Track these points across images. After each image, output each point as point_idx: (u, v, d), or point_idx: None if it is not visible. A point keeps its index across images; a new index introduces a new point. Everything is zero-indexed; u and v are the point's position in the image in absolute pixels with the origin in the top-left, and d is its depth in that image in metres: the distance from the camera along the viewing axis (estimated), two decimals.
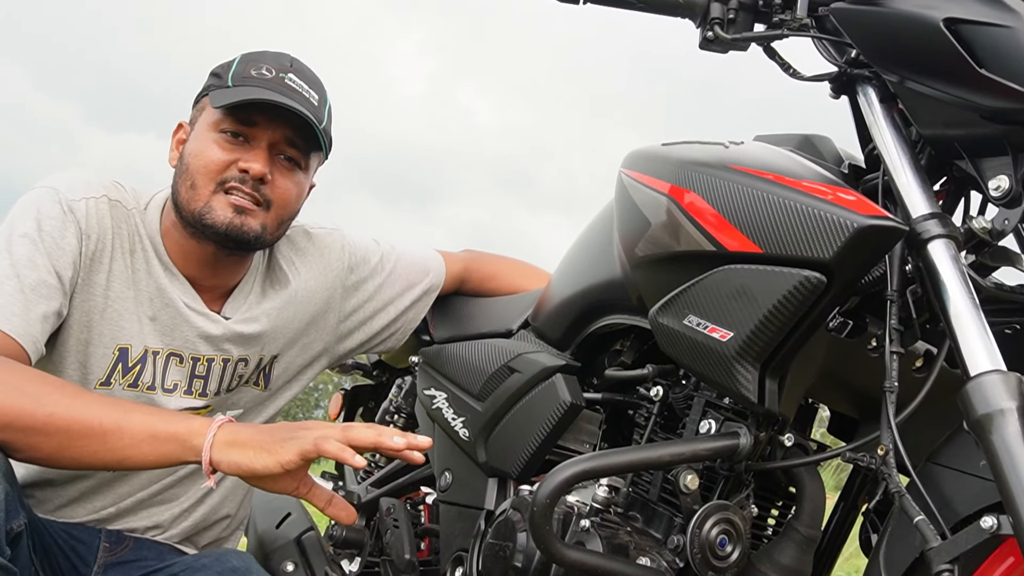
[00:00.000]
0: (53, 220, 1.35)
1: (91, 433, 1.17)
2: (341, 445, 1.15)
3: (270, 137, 1.42)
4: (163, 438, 1.19)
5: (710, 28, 1.21)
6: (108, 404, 1.22)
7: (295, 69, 1.47)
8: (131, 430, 1.18)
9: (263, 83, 1.42)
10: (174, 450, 1.19)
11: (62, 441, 1.17)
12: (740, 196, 1.09)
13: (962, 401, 0.92)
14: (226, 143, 1.41)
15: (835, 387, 1.22)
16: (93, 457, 1.19)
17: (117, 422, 1.18)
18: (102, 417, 1.18)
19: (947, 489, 1.01)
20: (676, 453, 1.12)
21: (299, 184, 1.49)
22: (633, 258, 1.27)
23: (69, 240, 1.36)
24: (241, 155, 1.41)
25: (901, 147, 1.09)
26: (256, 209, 1.42)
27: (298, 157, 1.47)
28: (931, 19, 1.01)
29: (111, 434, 1.18)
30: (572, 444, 1.43)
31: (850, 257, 1.00)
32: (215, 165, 1.40)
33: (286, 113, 1.40)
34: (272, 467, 1.16)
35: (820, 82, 1.21)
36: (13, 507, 1.16)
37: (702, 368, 1.13)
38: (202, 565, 1.48)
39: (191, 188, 1.41)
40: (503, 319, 1.68)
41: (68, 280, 1.36)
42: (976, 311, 0.96)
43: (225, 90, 1.42)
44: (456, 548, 1.49)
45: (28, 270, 1.31)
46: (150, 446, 1.19)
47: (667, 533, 1.23)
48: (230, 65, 1.47)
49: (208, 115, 1.44)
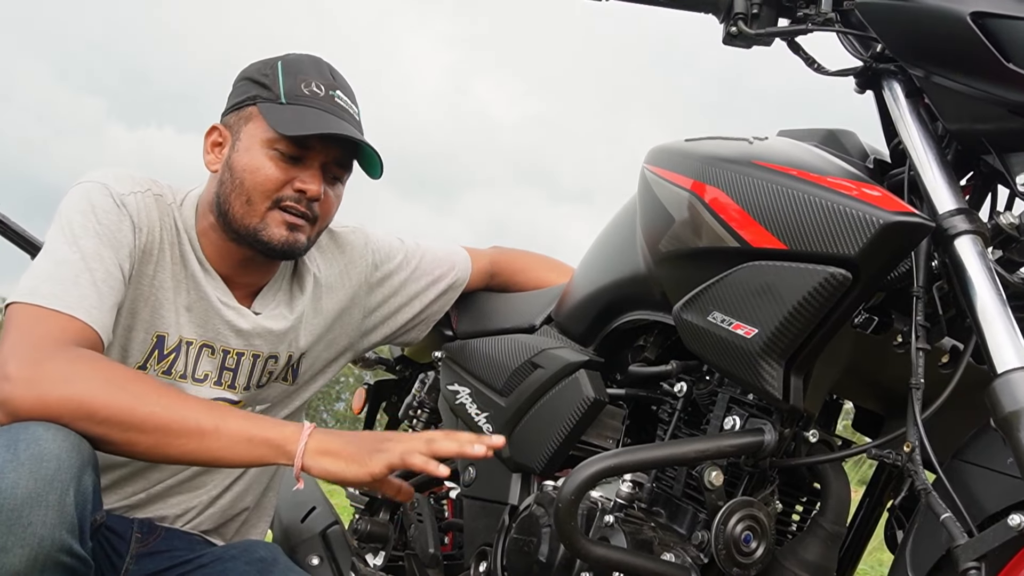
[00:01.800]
0: (109, 214, 1.39)
1: (190, 433, 1.22)
2: (426, 459, 1.22)
3: (323, 158, 1.47)
4: (258, 442, 1.23)
5: (734, 23, 1.21)
6: (205, 406, 1.27)
7: (339, 84, 1.51)
8: (228, 432, 1.23)
9: (317, 103, 1.46)
10: (268, 453, 1.24)
11: (159, 439, 1.21)
12: (764, 192, 1.09)
13: (989, 398, 0.92)
14: (281, 161, 1.45)
15: (860, 383, 1.22)
16: (188, 455, 1.24)
17: (215, 424, 1.23)
18: (200, 418, 1.22)
19: (974, 486, 1.00)
20: (701, 449, 1.12)
21: (339, 197, 1.54)
22: (656, 254, 1.27)
23: (125, 234, 1.40)
24: (296, 174, 1.45)
25: (927, 142, 1.09)
26: (306, 224, 1.47)
27: (343, 174, 1.53)
28: (957, 13, 1.00)
29: (209, 435, 1.22)
30: (595, 440, 1.43)
31: (876, 253, 1.00)
32: (272, 184, 1.45)
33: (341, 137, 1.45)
34: (363, 478, 1.23)
35: (845, 77, 1.20)
36: (98, 499, 1.20)
37: (727, 365, 1.13)
38: (231, 556, 1.52)
39: (247, 204, 1.45)
40: (526, 314, 1.68)
41: (127, 272, 1.40)
42: (1003, 308, 0.96)
43: (279, 107, 1.45)
44: (480, 543, 1.50)
45: (97, 263, 1.34)
46: (245, 448, 1.24)
47: (691, 529, 1.24)
48: (275, 75, 1.48)
49: (261, 130, 1.46)
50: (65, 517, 1.08)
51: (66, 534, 1.08)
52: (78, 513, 1.11)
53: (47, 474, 1.08)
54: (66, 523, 1.08)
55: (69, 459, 1.11)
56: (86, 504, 1.13)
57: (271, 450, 1.24)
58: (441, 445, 1.23)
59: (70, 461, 1.11)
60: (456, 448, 1.24)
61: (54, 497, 1.08)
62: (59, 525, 1.07)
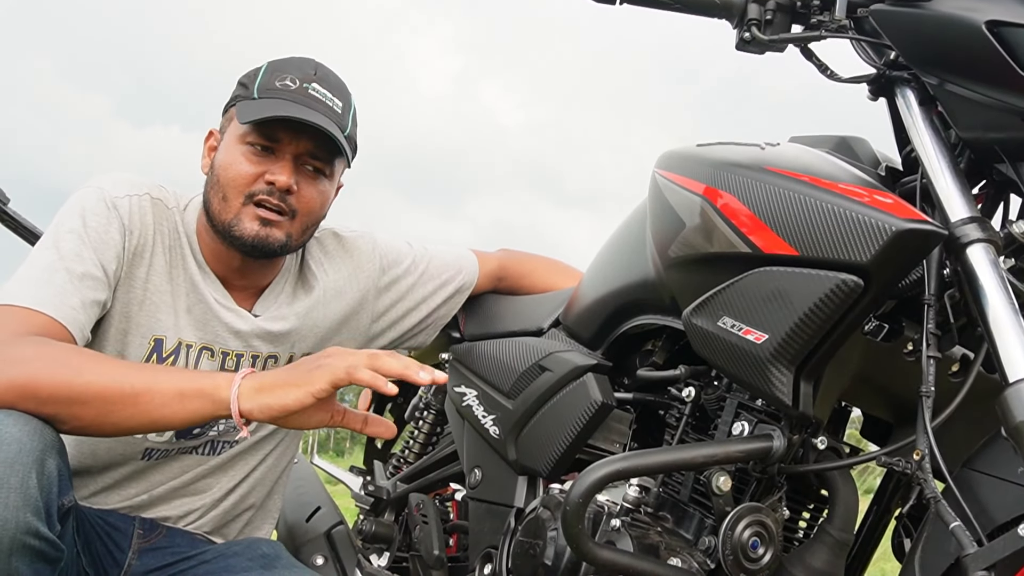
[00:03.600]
0: (97, 216, 1.40)
1: (124, 398, 1.19)
2: (373, 373, 1.17)
3: (294, 149, 1.46)
4: (191, 395, 1.20)
5: (747, 29, 1.21)
6: (137, 368, 1.25)
7: (319, 77, 1.50)
8: (160, 390, 1.20)
9: (287, 95, 1.45)
10: (204, 405, 1.21)
11: (100, 408, 1.19)
12: (776, 198, 1.09)
13: (1000, 407, 0.92)
14: (253, 156, 1.45)
15: (869, 390, 1.22)
16: (131, 421, 1.22)
17: (147, 384, 1.20)
18: (133, 380, 1.20)
19: (983, 495, 1.00)
20: (709, 454, 1.12)
21: (324, 192, 1.52)
22: (666, 259, 1.27)
23: (112, 235, 1.40)
24: (268, 167, 1.45)
25: (940, 150, 1.09)
26: (281, 220, 1.46)
27: (322, 166, 1.50)
28: (973, 21, 1.00)
29: (142, 396, 1.19)
30: (602, 443, 1.43)
31: (888, 261, 0.99)
32: (243, 178, 1.44)
33: (309, 126, 1.43)
34: (304, 399, 1.18)
35: (858, 84, 1.20)
36: (65, 483, 1.19)
37: (736, 370, 1.13)
38: (233, 552, 1.53)
39: (223, 200, 1.45)
40: (534, 317, 1.68)
41: (112, 272, 1.40)
42: (1016, 317, 0.96)
43: (251, 102, 1.46)
44: (485, 545, 1.50)
45: (75, 263, 1.35)
46: (179, 404, 1.20)
47: (698, 534, 1.24)
48: (256, 74, 1.50)
49: (235, 127, 1.47)
50: (29, 500, 1.08)
51: (31, 516, 1.08)
52: (43, 496, 1.11)
53: (7, 457, 1.08)
54: (30, 505, 1.08)
55: (31, 442, 1.11)
56: (51, 487, 1.13)
57: (205, 401, 1.20)
58: (385, 362, 1.18)
59: (31, 444, 1.11)
60: (400, 368, 1.18)
61: (16, 480, 1.07)
62: (23, 507, 1.07)
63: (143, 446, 1.48)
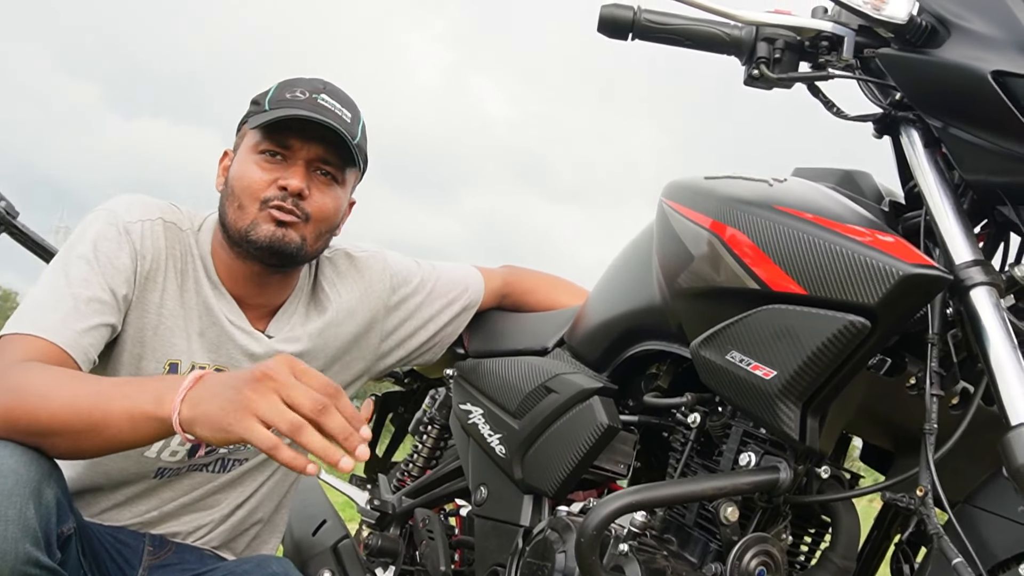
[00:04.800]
0: (109, 242, 1.42)
1: (85, 429, 1.16)
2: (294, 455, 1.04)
3: (306, 154, 1.49)
4: (140, 419, 1.14)
5: (756, 67, 1.23)
6: (93, 393, 1.18)
7: (328, 90, 1.53)
8: (115, 418, 1.15)
9: (296, 104, 1.48)
10: (155, 428, 1.14)
11: (71, 439, 1.17)
12: (785, 237, 1.12)
13: (1003, 449, 0.95)
14: (266, 163, 1.48)
15: (872, 422, 1.25)
16: (103, 448, 1.19)
17: (103, 413, 1.15)
18: (91, 409, 1.16)
19: (984, 532, 1.03)
20: (718, 487, 1.15)
21: (336, 198, 1.54)
22: (674, 288, 1.29)
23: (123, 260, 1.42)
24: (280, 173, 1.48)
25: (944, 191, 1.12)
26: (296, 221, 1.48)
27: (334, 172, 1.53)
28: (979, 71, 1.03)
29: (101, 425, 1.16)
30: (607, 464, 1.46)
31: (894, 303, 1.02)
32: (257, 185, 1.47)
33: (320, 130, 1.46)
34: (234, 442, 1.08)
35: (864, 122, 1.23)
36: (64, 512, 1.20)
37: (744, 403, 1.16)
38: (243, 571, 1.54)
39: (238, 209, 1.48)
40: (538, 336, 1.71)
41: (122, 297, 1.41)
42: (1017, 360, 0.99)
43: (263, 113, 1.49)
44: (491, 563, 1.53)
45: (81, 288, 1.37)
46: (133, 429, 1.15)
47: (703, 558, 1.26)
48: (267, 92, 1.53)
49: (248, 139, 1.51)
50: (28, 530, 1.09)
51: (30, 546, 1.09)
52: (42, 526, 1.12)
53: (4, 489, 1.09)
54: (29, 536, 1.09)
55: (27, 473, 1.12)
56: (50, 516, 1.14)
57: (156, 424, 1.13)
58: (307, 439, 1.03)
59: (28, 475, 1.12)
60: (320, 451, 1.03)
61: (13, 512, 1.08)
62: (22, 538, 1.08)
63: (155, 466, 1.50)
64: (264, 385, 1.05)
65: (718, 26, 1.24)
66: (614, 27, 1.26)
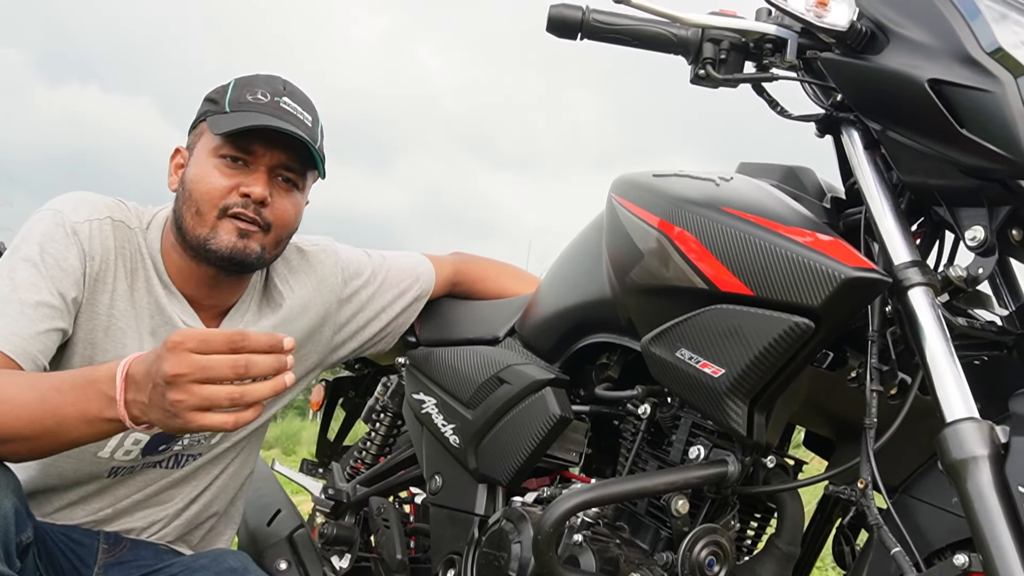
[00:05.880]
0: (56, 243, 1.39)
1: (39, 435, 1.16)
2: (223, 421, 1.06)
3: (269, 160, 1.46)
4: (95, 420, 1.14)
5: (702, 67, 1.25)
6: (42, 397, 1.17)
7: (288, 92, 1.51)
8: (70, 422, 1.15)
9: (260, 108, 1.46)
10: (110, 428, 1.15)
11: (26, 444, 1.17)
12: (732, 240, 1.15)
13: (939, 445, 1.00)
14: (227, 168, 1.45)
15: (815, 413, 1.30)
16: (61, 448, 1.19)
17: (55, 417, 1.15)
18: (43, 416, 1.16)
19: (921, 522, 1.09)
20: (670, 482, 1.19)
21: (296, 204, 1.53)
22: (625, 284, 1.32)
23: (72, 262, 1.39)
24: (242, 179, 1.45)
25: (883, 192, 1.16)
26: (257, 231, 1.46)
27: (295, 178, 1.51)
28: (916, 78, 1.06)
29: (55, 431, 1.16)
30: (560, 453, 1.49)
31: (837, 305, 1.06)
32: (217, 192, 1.44)
33: (283, 137, 1.44)
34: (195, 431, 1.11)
35: (807, 122, 1.26)
36: (22, 521, 1.20)
37: (694, 400, 1.20)
38: (200, 566, 1.54)
39: (196, 215, 1.45)
40: (490, 325, 1.72)
41: (71, 300, 1.39)
42: (952, 359, 1.03)
43: (223, 116, 1.46)
44: (447, 550, 1.56)
45: (29, 292, 1.34)
46: (90, 430, 1.16)
47: (654, 545, 1.31)
48: (225, 91, 1.50)
49: (207, 141, 1.47)
50: None
51: None
52: (1, 536, 1.12)
53: None
54: None
55: None
56: (9, 526, 1.14)
57: (111, 424, 1.14)
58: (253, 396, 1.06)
59: None
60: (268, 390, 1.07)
61: None
62: None
63: (109, 465, 1.49)
64: (180, 385, 1.05)
65: (665, 27, 1.26)
66: (563, 27, 1.27)
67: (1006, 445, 0.97)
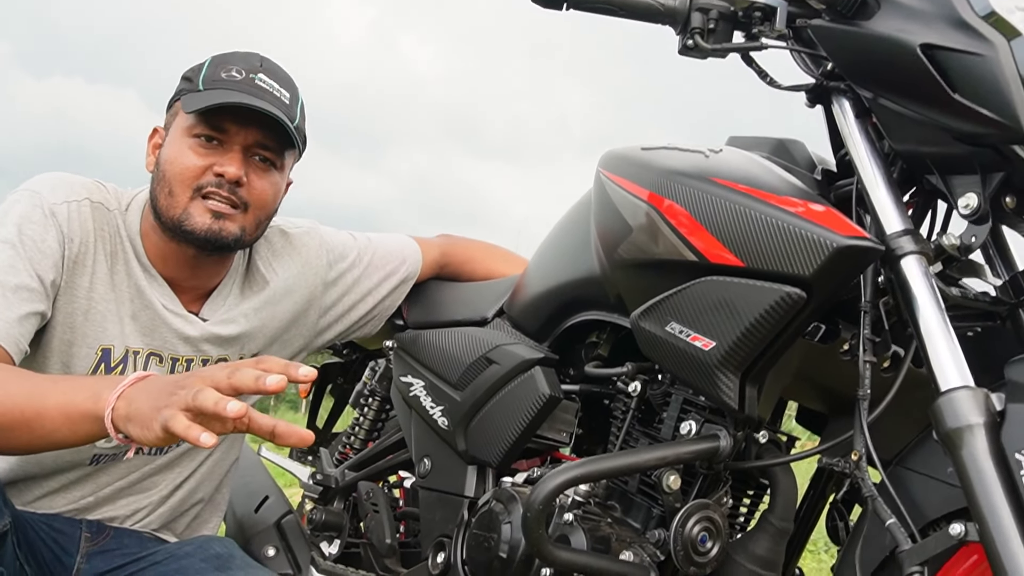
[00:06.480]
0: (34, 225, 1.36)
1: (18, 424, 1.13)
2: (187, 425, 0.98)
3: (243, 139, 1.43)
4: (77, 419, 1.11)
5: (690, 37, 1.23)
6: (27, 389, 1.16)
7: (265, 69, 1.48)
8: (49, 415, 1.12)
9: (233, 85, 1.43)
10: (93, 429, 1.11)
11: (3, 435, 1.14)
12: (722, 210, 1.13)
13: (933, 414, 0.98)
14: (200, 148, 1.42)
15: (807, 387, 1.28)
16: (32, 445, 1.17)
17: (36, 409, 1.13)
18: (23, 406, 1.13)
19: (916, 493, 1.07)
20: (661, 456, 1.17)
21: (275, 184, 1.50)
22: (613, 259, 1.30)
23: (50, 244, 1.36)
24: (216, 159, 1.42)
25: (875, 161, 1.14)
26: (234, 212, 1.43)
27: (272, 157, 1.48)
28: (908, 43, 1.04)
29: (34, 422, 1.13)
30: (550, 433, 1.48)
31: (829, 274, 1.05)
32: (190, 172, 1.42)
33: (257, 115, 1.41)
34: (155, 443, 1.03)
35: (797, 92, 1.25)
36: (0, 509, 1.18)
37: (684, 374, 1.18)
38: (185, 552, 1.52)
39: (169, 195, 1.42)
40: (478, 306, 1.71)
41: (50, 283, 1.36)
42: (946, 327, 1.02)
43: (196, 94, 1.43)
44: (437, 534, 1.54)
45: (8, 275, 1.31)
46: (71, 428, 1.12)
47: (646, 523, 1.29)
48: (200, 68, 1.47)
49: (181, 120, 1.45)
50: None
51: None
52: None
53: None
54: None
55: None
56: None
57: (90, 422, 1.10)
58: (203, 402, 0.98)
59: None
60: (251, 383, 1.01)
61: None
62: None
63: (91, 452, 1.47)
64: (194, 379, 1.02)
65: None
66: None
67: (1002, 413, 0.96)
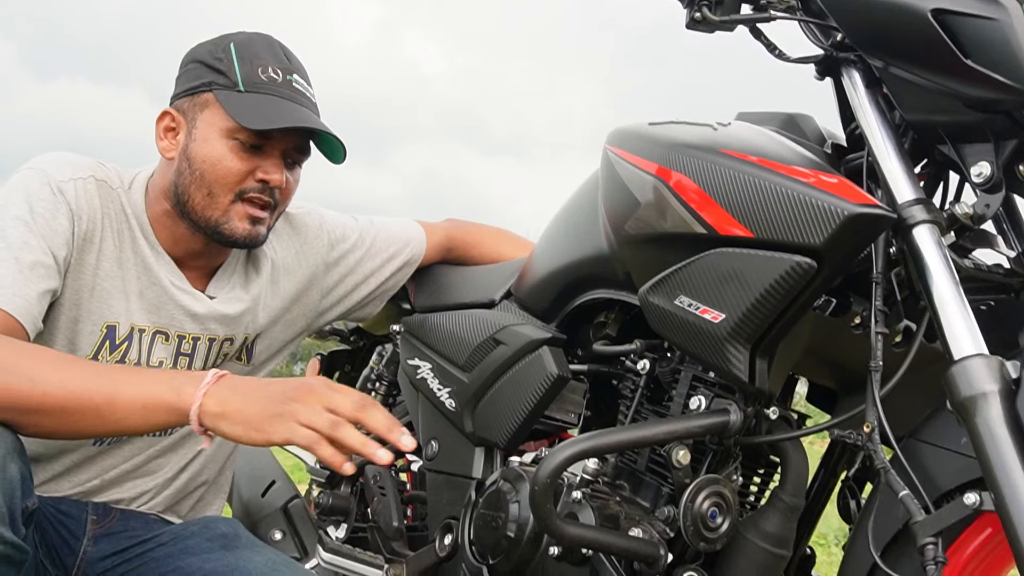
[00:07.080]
0: (44, 202, 1.36)
1: (85, 409, 1.17)
2: (333, 451, 1.15)
3: (283, 145, 1.46)
4: (154, 408, 1.18)
5: (698, 9, 1.22)
6: (98, 376, 1.20)
7: (294, 66, 1.49)
8: (123, 402, 1.17)
9: (276, 90, 1.44)
10: (167, 418, 1.19)
11: (61, 419, 1.18)
12: (732, 181, 1.12)
13: (947, 383, 0.97)
14: (242, 151, 1.43)
15: (818, 362, 1.27)
16: (94, 430, 1.21)
17: (107, 396, 1.17)
18: (92, 392, 1.17)
19: (929, 465, 1.06)
20: (670, 431, 1.16)
21: (298, 181, 1.53)
22: (621, 235, 1.29)
23: (61, 221, 1.36)
24: (258, 163, 1.44)
25: (886, 131, 1.12)
26: (267, 215, 1.47)
27: (302, 159, 1.52)
28: (919, 9, 1.03)
29: (103, 408, 1.17)
30: (558, 414, 1.47)
31: (840, 243, 1.03)
32: (234, 176, 1.43)
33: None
34: (264, 445, 1.18)
35: (806, 64, 1.23)
36: (28, 486, 1.18)
37: (694, 348, 1.16)
38: (190, 533, 1.52)
39: (208, 196, 1.43)
40: (485, 289, 1.70)
41: (62, 260, 1.37)
42: (959, 296, 1.00)
43: (238, 96, 1.42)
44: (445, 516, 1.53)
45: (24, 252, 1.31)
46: (143, 416, 1.18)
47: (655, 502, 1.28)
48: (229, 59, 1.45)
49: (219, 119, 1.43)
50: None
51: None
52: (7, 501, 1.10)
53: None
54: None
55: None
56: (15, 491, 1.12)
57: (170, 414, 1.18)
58: (346, 435, 1.15)
59: None
60: (358, 446, 1.16)
61: None
62: None
63: None
64: (308, 396, 1.15)
65: None
66: None
67: (1017, 380, 0.94)
